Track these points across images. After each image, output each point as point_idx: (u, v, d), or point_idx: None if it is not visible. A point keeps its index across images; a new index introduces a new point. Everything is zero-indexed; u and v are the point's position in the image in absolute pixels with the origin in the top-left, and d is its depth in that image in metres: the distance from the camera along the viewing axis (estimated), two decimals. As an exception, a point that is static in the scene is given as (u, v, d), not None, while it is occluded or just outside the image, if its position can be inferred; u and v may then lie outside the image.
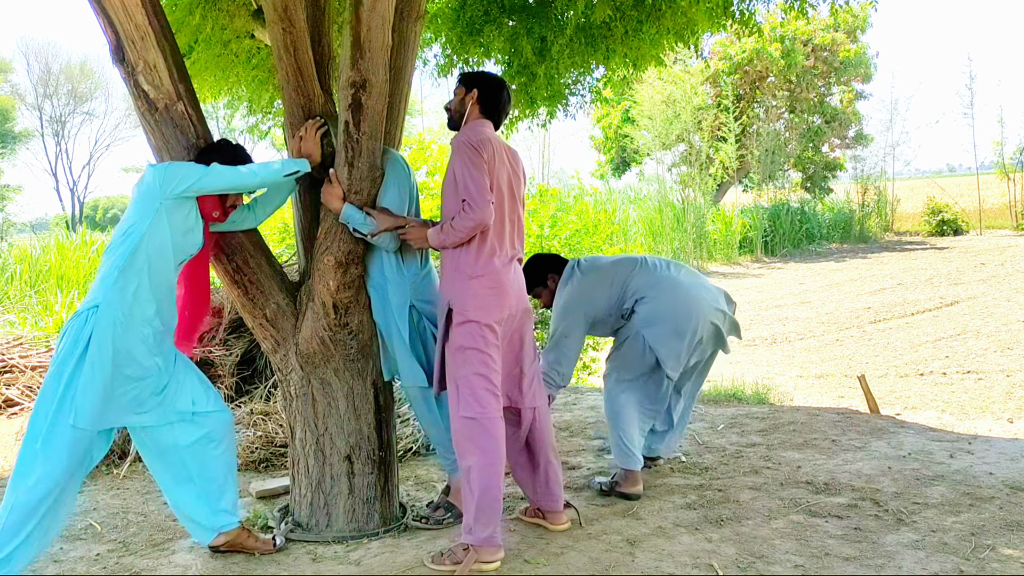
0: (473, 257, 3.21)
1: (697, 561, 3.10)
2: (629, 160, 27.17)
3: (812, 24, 23.67)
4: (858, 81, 25.56)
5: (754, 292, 14.19)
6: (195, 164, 3.14)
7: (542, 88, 5.36)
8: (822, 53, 24.25)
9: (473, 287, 3.19)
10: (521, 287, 3.40)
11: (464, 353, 3.18)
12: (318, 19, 3.70)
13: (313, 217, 3.55)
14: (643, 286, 3.98)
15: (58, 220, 39.49)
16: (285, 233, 7.76)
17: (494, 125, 3.41)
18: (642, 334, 3.92)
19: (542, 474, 3.49)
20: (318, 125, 3.41)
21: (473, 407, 3.15)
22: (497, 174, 3.24)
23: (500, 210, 3.26)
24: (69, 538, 3.69)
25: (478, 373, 3.16)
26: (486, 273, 3.21)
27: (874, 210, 25.42)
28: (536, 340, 3.50)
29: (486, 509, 3.11)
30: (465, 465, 3.16)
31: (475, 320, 3.17)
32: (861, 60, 24.77)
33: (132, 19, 3.20)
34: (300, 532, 3.53)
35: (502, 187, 3.28)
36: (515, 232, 3.39)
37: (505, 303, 3.24)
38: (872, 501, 3.66)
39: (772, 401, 6.17)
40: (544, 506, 3.50)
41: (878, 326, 10.11)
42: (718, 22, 4.90)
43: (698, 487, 3.98)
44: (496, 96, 3.38)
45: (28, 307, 11.08)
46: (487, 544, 3.10)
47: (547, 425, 3.51)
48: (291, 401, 3.59)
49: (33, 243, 15.58)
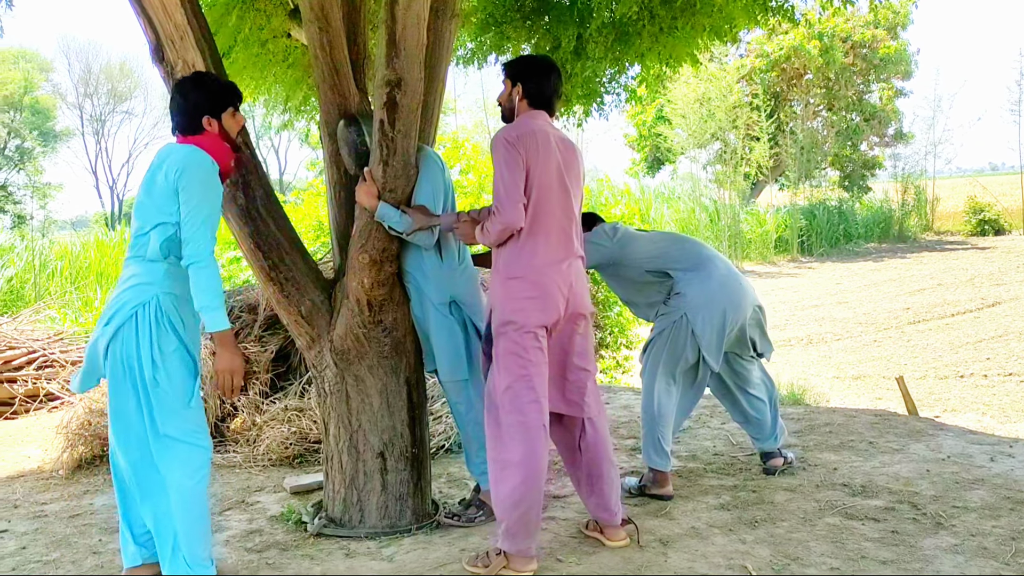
0: (511, 257, 3.08)
1: (731, 562, 3.07)
2: (663, 158, 27.04)
3: (851, 21, 23.38)
4: (898, 78, 25.21)
5: (790, 292, 14.04)
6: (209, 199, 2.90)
7: (577, 87, 5.35)
8: (861, 50, 23.95)
9: (510, 289, 3.06)
10: (574, 289, 3.14)
11: (504, 359, 3.04)
12: (354, 18, 3.72)
13: (348, 215, 3.58)
14: (683, 257, 3.94)
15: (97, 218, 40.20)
16: (320, 231, 7.83)
17: (549, 112, 3.24)
18: (687, 317, 3.83)
19: (597, 487, 3.28)
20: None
21: (513, 415, 3.00)
22: (543, 168, 3.06)
23: (547, 205, 3.07)
24: (108, 531, 3.75)
25: (519, 379, 3.01)
26: (524, 275, 3.05)
27: (914, 209, 25.05)
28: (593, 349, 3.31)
29: (520, 521, 2.99)
30: (498, 475, 3.03)
31: (513, 323, 3.02)
32: (901, 57, 24.43)
33: (172, 19, 3.25)
34: (333, 528, 3.55)
35: (550, 181, 3.08)
36: (569, 229, 3.15)
37: (549, 307, 3.05)
38: (910, 504, 3.61)
39: (808, 402, 6.10)
40: (601, 520, 3.31)
41: (917, 327, 9.96)
42: (755, 17, 4.86)
43: (732, 488, 3.94)
44: (542, 83, 3.20)
45: (68, 303, 11.30)
46: (520, 554, 3.01)
47: (602, 437, 3.29)
48: (325, 397, 3.61)
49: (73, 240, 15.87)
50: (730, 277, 3.93)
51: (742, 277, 4.04)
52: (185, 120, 3.00)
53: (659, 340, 3.91)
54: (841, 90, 24.27)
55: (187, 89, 3.03)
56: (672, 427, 3.94)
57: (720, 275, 3.90)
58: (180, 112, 3.01)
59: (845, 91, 24.33)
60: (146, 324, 2.80)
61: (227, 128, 3.07)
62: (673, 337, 3.86)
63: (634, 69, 5.69)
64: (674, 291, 3.93)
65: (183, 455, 2.83)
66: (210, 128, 3.01)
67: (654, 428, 3.87)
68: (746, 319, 3.95)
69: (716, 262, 3.96)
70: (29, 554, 3.52)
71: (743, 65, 23.54)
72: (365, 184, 3.37)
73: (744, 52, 24.59)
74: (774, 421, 4.17)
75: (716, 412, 5.48)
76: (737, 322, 3.90)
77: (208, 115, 3.01)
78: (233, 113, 3.09)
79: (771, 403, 4.18)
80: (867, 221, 24.14)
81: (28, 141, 35.24)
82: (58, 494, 4.39)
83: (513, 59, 3.38)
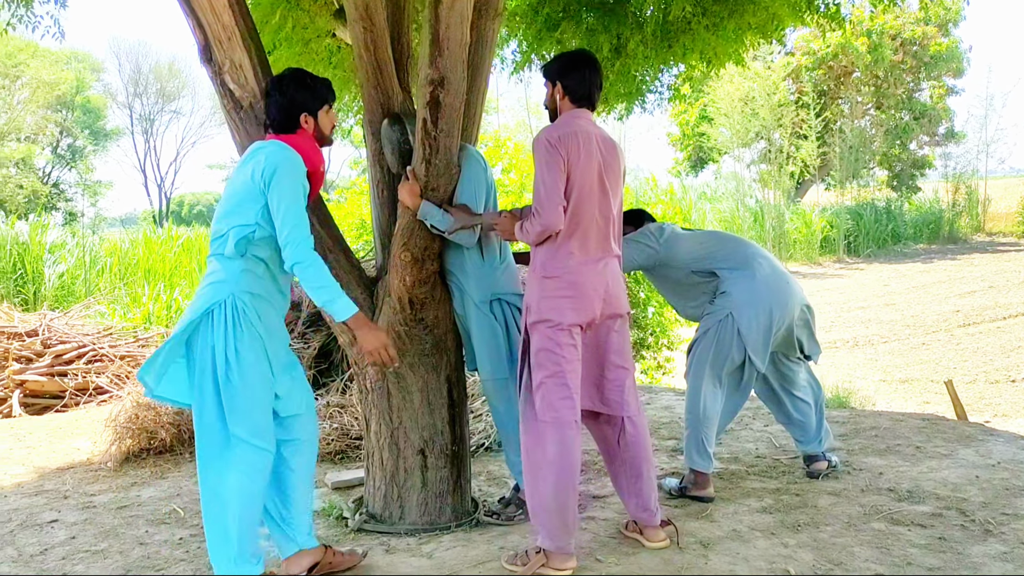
0: (547, 256, 3.09)
1: (773, 566, 3.03)
2: (706, 158, 26.82)
3: (901, 18, 22.97)
4: (949, 76, 24.73)
5: (836, 293, 13.84)
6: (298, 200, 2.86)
7: (618, 85, 5.33)
8: (911, 47, 23.53)
9: (546, 287, 3.07)
10: (610, 289, 3.15)
11: (538, 356, 3.06)
12: (397, 17, 3.74)
13: (391, 213, 3.60)
14: (729, 256, 3.91)
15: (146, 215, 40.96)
16: (363, 229, 7.88)
17: (591, 107, 3.23)
18: (732, 316, 3.79)
19: (636, 487, 3.26)
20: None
21: (546, 412, 3.01)
22: (584, 169, 3.06)
23: (586, 206, 3.08)
24: (154, 522, 3.82)
25: (552, 376, 3.02)
26: (560, 274, 3.06)
27: (965, 209, 24.56)
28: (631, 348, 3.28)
29: (556, 519, 2.99)
30: (534, 472, 3.03)
31: (548, 320, 3.04)
32: (953, 54, 23.97)
33: (220, 20, 3.29)
34: (374, 523, 3.58)
35: (591, 182, 3.08)
36: (606, 230, 3.15)
37: (584, 306, 3.07)
38: (958, 511, 3.53)
39: (853, 405, 6.01)
40: (641, 520, 3.29)
41: (967, 330, 9.75)
42: (802, 16, 4.79)
43: (775, 491, 3.89)
44: (579, 79, 3.18)
45: (117, 299, 11.53)
46: (560, 552, 3.01)
47: (642, 437, 3.27)
48: (367, 394, 3.64)
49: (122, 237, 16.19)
50: (776, 276, 3.88)
51: (789, 276, 3.99)
52: (282, 116, 2.99)
53: (704, 340, 3.88)
54: (890, 88, 23.87)
55: (287, 85, 3.01)
56: (716, 429, 3.90)
57: (765, 274, 3.85)
58: (278, 109, 2.99)
59: (894, 89, 23.92)
60: (221, 321, 2.78)
61: (322, 126, 3.07)
62: (719, 337, 3.82)
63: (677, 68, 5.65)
64: (720, 290, 3.90)
65: (248, 456, 2.81)
66: (306, 126, 3.01)
67: (698, 429, 3.84)
68: (793, 319, 3.89)
69: (762, 260, 3.92)
70: (78, 544, 3.60)
71: (789, 63, 23.25)
72: (408, 183, 3.38)
73: (791, 50, 24.29)
74: (819, 424, 4.11)
75: (759, 414, 5.42)
76: (784, 321, 3.85)
77: (307, 112, 3.01)
78: (328, 110, 3.09)
79: (817, 406, 4.12)
80: (916, 222, 23.72)
81: (80, 140, 36.03)
82: (106, 486, 4.49)
83: (550, 60, 3.36)
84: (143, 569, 3.27)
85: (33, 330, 7.45)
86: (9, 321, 7.61)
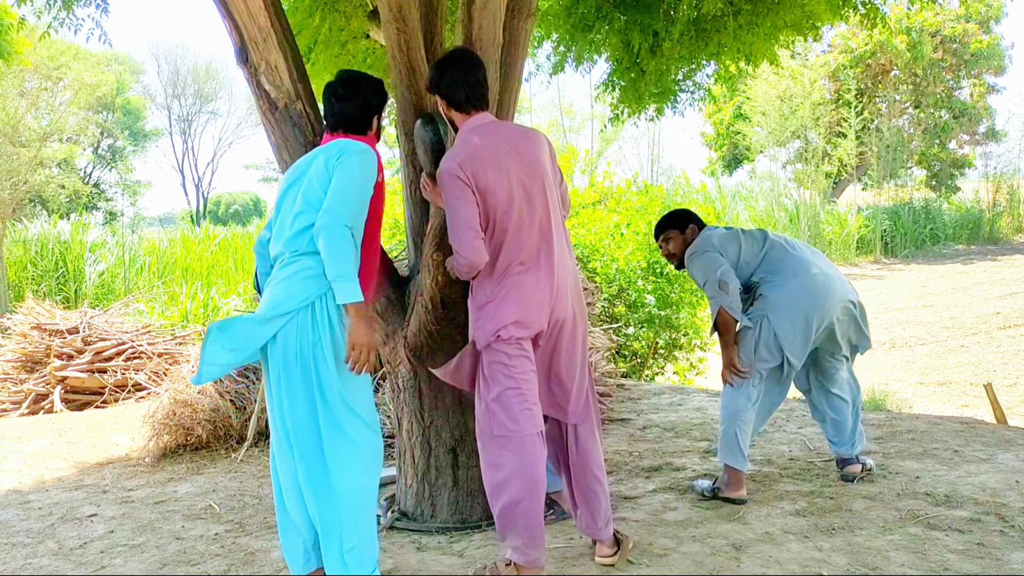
0: (484, 280, 2.96)
1: (806, 569, 3.00)
2: (741, 157, 26.61)
3: (941, 15, 22.61)
4: (990, 74, 24.29)
5: (872, 294, 13.66)
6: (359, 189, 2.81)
7: (651, 84, 5.30)
8: (951, 45, 23.16)
9: (486, 312, 2.93)
10: (559, 295, 2.97)
11: (490, 371, 2.91)
12: (431, 18, 3.76)
13: (423, 213, 3.62)
14: (766, 260, 3.91)
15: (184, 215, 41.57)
16: (396, 229, 7.93)
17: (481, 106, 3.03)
18: (768, 319, 3.80)
19: (582, 497, 3.12)
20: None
21: (506, 425, 2.86)
22: (494, 185, 2.88)
23: (512, 220, 2.90)
24: (190, 517, 3.88)
25: (507, 389, 2.88)
26: (500, 296, 2.91)
27: (1006, 210, 24.11)
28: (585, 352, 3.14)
29: (523, 533, 2.86)
30: (498, 487, 2.88)
31: (497, 337, 2.89)
32: (994, 52, 23.55)
33: (256, 22, 3.34)
34: (405, 521, 3.61)
35: (508, 193, 2.90)
36: (540, 235, 2.95)
37: (529, 320, 2.90)
38: (997, 516, 3.47)
39: (890, 408, 5.93)
40: (587, 533, 3.15)
41: (1008, 332, 9.58)
42: (839, 14, 4.74)
43: (808, 494, 3.86)
44: (451, 84, 2.99)
45: (155, 297, 11.72)
46: (531, 564, 2.88)
47: (590, 447, 3.12)
48: (399, 393, 3.67)
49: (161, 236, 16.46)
50: (811, 277, 3.85)
51: (831, 275, 3.93)
52: (359, 116, 2.99)
53: (742, 341, 3.89)
54: (929, 86, 23.50)
55: (364, 88, 3.02)
56: (752, 428, 3.89)
57: (799, 279, 3.83)
58: (356, 109, 2.99)
59: (933, 87, 23.55)
60: (324, 315, 2.73)
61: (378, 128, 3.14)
62: (755, 339, 3.84)
63: (710, 67, 5.61)
64: (757, 293, 3.92)
65: (361, 451, 2.77)
66: (372, 129, 3.06)
67: (732, 426, 3.84)
68: (834, 318, 3.86)
69: (799, 263, 3.89)
70: (116, 537, 3.67)
71: (827, 62, 22.99)
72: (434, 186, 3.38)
73: (828, 47, 24.02)
74: (854, 426, 4.06)
75: (792, 416, 5.37)
76: (823, 322, 3.83)
77: (377, 115, 3.06)
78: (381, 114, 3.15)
79: (854, 407, 4.08)
80: (955, 222, 23.35)
81: (120, 140, 36.62)
82: (144, 481, 4.57)
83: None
84: (179, 563, 3.33)
85: (74, 327, 7.59)
86: (51, 318, 7.76)
